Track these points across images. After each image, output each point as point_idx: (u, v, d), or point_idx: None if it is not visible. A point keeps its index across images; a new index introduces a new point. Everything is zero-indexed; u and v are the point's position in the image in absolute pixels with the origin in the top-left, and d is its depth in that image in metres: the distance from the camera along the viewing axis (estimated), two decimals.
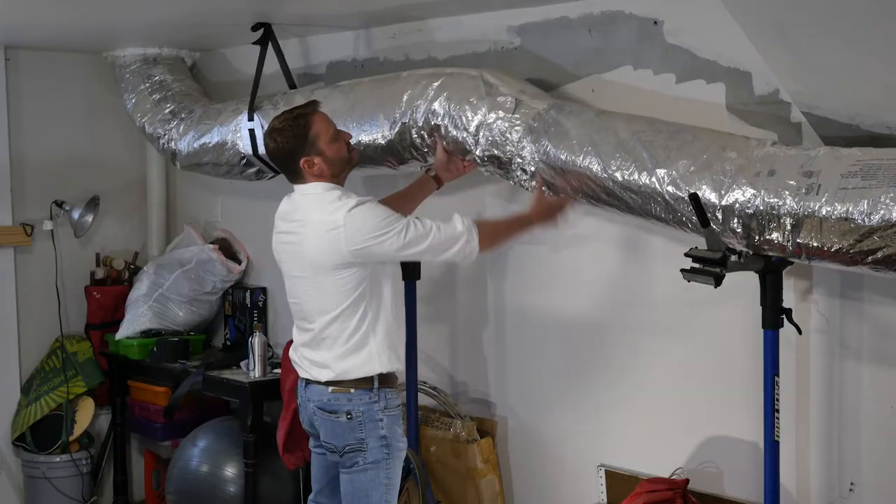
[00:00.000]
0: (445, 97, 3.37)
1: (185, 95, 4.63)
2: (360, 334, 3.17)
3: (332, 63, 4.35)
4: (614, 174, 2.97)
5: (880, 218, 2.45)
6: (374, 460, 3.19)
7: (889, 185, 2.45)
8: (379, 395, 3.19)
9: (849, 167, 2.55)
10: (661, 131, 2.96)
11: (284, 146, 3.20)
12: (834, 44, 2.52)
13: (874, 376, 2.91)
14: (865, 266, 2.54)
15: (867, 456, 2.94)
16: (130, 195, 5.24)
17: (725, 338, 3.21)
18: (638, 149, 2.93)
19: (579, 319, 3.61)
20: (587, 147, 3.04)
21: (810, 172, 2.60)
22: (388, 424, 3.21)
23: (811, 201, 2.57)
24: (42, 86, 4.94)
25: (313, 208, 3.17)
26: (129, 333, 4.84)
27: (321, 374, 3.23)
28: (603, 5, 3.38)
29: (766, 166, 2.69)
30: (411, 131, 3.47)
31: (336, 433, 3.21)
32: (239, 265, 4.91)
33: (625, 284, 3.48)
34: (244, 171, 4.32)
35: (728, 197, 2.73)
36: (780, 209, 2.63)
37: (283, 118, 3.24)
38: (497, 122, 3.24)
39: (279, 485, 4.45)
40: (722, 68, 3.09)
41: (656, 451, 3.40)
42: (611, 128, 3.04)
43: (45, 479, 4.80)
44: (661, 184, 2.86)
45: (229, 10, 3.89)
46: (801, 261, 2.68)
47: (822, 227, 2.55)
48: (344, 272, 3.12)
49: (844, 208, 2.51)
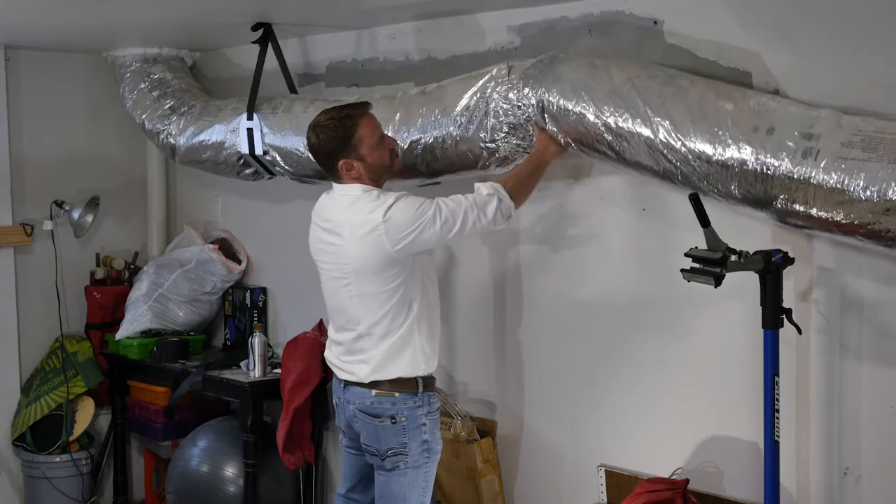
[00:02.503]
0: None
1: (185, 92, 4.64)
2: (403, 331, 3.15)
3: (331, 63, 4.35)
4: (608, 120, 2.99)
5: (876, 194, 2.47)
6: (415, 464, 3.19)
7: (889, 161, 2.46)
8: (423, 399, 3.19)
9: (850, 136, 2.55)
10: (655, 76, 2.98)
11: (326, 145, 3.16)
12: (834, 44, 2.52)
13: (874, 376, 2.91)
14: (853, 237, 2.57)
15: (867, 456, 2.94)
16: (130, 195, 5.24)
17: (725, 338, 3.20)
18: (632, 95, 2.94)
19: (580, 319, 3.61)
20: (581, 93, 3.05)
21: (810, 135, 2.60)
22: (431, 428, 3.21)
23: (807, 167, 2.58)
24: (42, 86, 4.94)
25: (352, 210, 3.13)
26: (129, 333, 4.84)
27: (361, 371, 3.19)
28: (603, 5, 3.38)
29: (766, 122, 2.70)
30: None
31: (379, 437, 3.19)
32: (239, 265, 4.91)
33: (625, 284, 3.47)
34: (241, 170, 4.32)
35: (724, 153, 2.74)
36: (775, 170, 2.64)
37: (331, 115, 3.18)
38: (497, 91, 3.27)
39: (279, 485, 4.46)
40: (722, 68, 3.09)
41: (656, 451, 3.40)
42: (605, 73, 3.04)
43: (45, 479, 4.80)
44: (654, 134, 2.88)
45: (229, 10, 3.89)
46: (789, 224, 2.69)
47: (816, 194, 2.57)
48: (388, 272, 3.10)
49: (840, 179, 2.52)
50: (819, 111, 2.67)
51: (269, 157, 4.11)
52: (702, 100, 2.85)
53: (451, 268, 3.98)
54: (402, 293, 3.13)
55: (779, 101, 2.77)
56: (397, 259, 3.08)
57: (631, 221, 3.42)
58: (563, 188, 3.59)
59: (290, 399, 4.21)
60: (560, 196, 3.61)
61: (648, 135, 2.90)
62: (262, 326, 4.76)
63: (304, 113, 3.95)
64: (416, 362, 3.18)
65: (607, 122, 3.00)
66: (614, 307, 3.51)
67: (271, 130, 4.07)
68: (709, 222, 2.75)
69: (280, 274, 4.82)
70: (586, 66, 3.12)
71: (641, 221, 3.39)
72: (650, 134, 2.90)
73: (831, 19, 2.43)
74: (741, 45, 2.93)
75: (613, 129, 2.99)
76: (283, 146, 4.03)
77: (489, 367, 3.92)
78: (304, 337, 4.36)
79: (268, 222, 4.84)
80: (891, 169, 2.46)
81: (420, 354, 3.18)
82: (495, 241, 3.85)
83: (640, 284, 3.44)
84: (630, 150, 2.98)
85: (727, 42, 3.05)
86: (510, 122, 3.27)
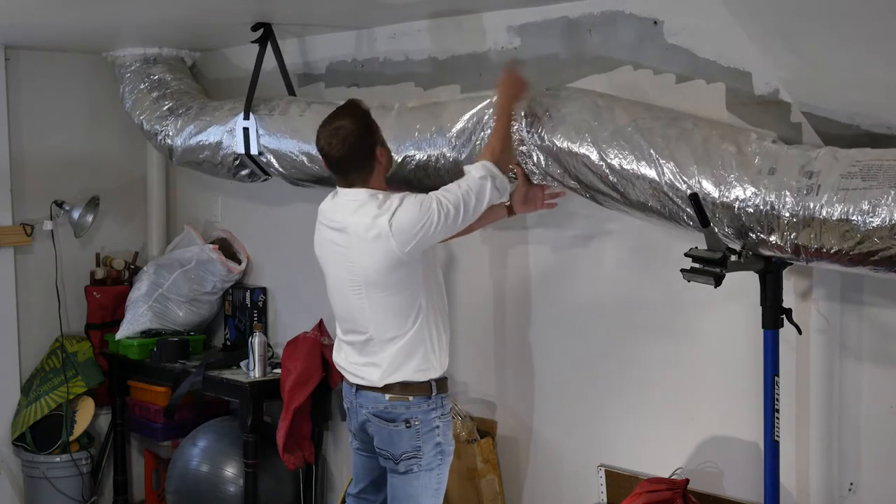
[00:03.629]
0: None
1: (184, 93, 4.64)
2: (413, 333, 3.13)
3: (331, 63, 4.35)
4: (612, 162, 2.97)
5: (881, 220, 2.45)
6: (428, 467, 3.18)
7: (889, 186, 2.45)
8: (436, 402, 3.18)
9: (848, 168, 2.55)
10: (658, 118, 2.96)
11: (357, 138, 3.11)
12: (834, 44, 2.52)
13: (874, 376, 2.91)
14: (865, 267, 2.54)
15: (867, 456, 2.94)
16: (130, 195, 5.24)
17: (725, 338, 3.20)
18: (636, 137, 2.93)
19: (580, 319, 3.61)
20: (584, 133, 3.04)
21: (811, 173, 2.60)
22: (444, 431, 3.20)
23: (811, 201, 2.57)
24: (42, 86, 4.95)
25: (358, 214, 3.11)
26: (129, 333, 4.84)
27: (373, 375, 3.17)
28: (603, 5, 3.38)
29: (767, 164, 2.69)
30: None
31: (393, 441, 3.18)
32: (239, 265, 4.91)
33: (625, 284, 3.47)
34: (238, 171, 4.32)
35: (729, 194, 2.73)
36: (780, 209, 2.62)
37: (336, 115, 3.16)
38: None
39: (279, 485, 4.46)
40: (722, 68, 3.09)
41: (656, 451, 3.40)
42: (608, 113, 3.03)
43: (45, 479, 4.80)
44: (659, 176, 2.87)
45: (229, 10, 3.89)
46: (800, 262, 2.68)
47: (822, 228, 2.55)
48: (395, 275, 3.08)
49: (845, 209, 2.51)
50: (817, 151, 2.66)
51: (264, 159, 4.11)
52: (706, 142, 2.84)
53: (452, 268, 3.98)
54: (410, 295, 3.12)
55: (779, 144, 2.77)
56: (406, 261, 3.07)
57: (631, 222, 3.41)
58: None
59: (290, 399, 4.21)
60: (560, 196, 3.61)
61: (654, 177, 2.89)
62: (262, 326, 4.75)
63: (301, 116, 3.95)
64: (428, 364, 3.17)
65: (612, 164, 2.98)
66: (614, 307, 3.51)
67: (267, 132, 4.07)
68: (709, 222, 2.75)
69: (280, 274, 4.82)
70: (590, 107, 3.10)
71: (641, 221, 3.39)
72: (655, 176, 2.89)
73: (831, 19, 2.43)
74: (741, 46, 2.93)
75: (618, 171, 2.97)
76: (279, 149, 4.03)
77: (489, 367, 3.92)
78: (304, 337, 4.36)
79: (268, 222, 4.84)
80: (894, 192, 2.45)
81: (431, 356, 3.17)
82: (495, 241, 3.85)
83: (639, 284, 3.44)
84: (635, 192, 2.96)
85: (727, 42, 3.05)
86: None
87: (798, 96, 2.85)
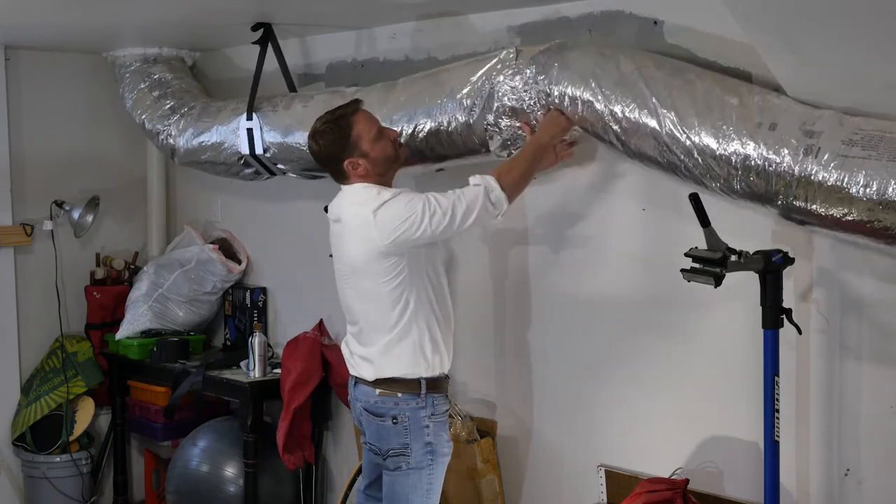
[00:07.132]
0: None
1: (185, 92, 4.64)
2: (402, 325, 3.13)
3: (331, 63, 4.36)
4: (615, 109, 2.99)
5: (875, 191, 2.47)
6: (418, 465, 3.17)
7: (888, 159, 2.47)
8: (426, 402, 3.17)
9: (851, 135, 2.56)
10: (663, 67, 2.99)
11: (327, 149, 3.19)
12: (834, 43, 2.52)
13: (874, 376, 2.91)
14: (856, 235, 2.57)
15: (867, 456, 2.94)
16: (130, 195, 5.24)
17: (725, 338, 3.20)
18: (640, 85, 2.95)
19: (580, 319, 3.61)
20: (589, 80, 3.06)
21: (811, 132, 2.61)
22: (434, 430, 3.19)
23: (808, 164, 2.59)
24: (42, 86, 4.95)
25: (351, 206, 3.17)
26: (129, 333, 4.84)
27: (366, 370, 3.21)
28: (603, 5, 3.38)
29: (769, 118, 2.70)
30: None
31: (381, 436, 3.19)
32: (239, 265, 4.91)
33: (624, 284, 3.47)
34: (241, 171, 4.32)
35: (728, 147, 2.75)
36: (777, 166, 2.65)
37: (325, 120, 3.22)
38: (504, 75, 3.26)
39: (279, 485, 4.46)
40: (722, 68, 3.09)
41: (656, 451, 3.40)
42: (614, 63, 3.05)
43: (45, 479, 4.80)
44: (660, 126, 2.89)
45: (229, 10, 3.89)
46: (791, 220, 2.70)
47: (817, 191, 2.58)
48: (380, 266, 3.10)
49: (840, 176, 2.53)
50: (822, 111, 2.68)
51: (269, 155, 4.12)
52: (708, 94, 2.86)
53: (452, 268, 3.97)
54: (394, 289, 3.12)
55: (783, 98, 2.78)
56: (389, 253, 3.08)
57: (630, 222, 3.42)
58: (563, 188, 3.59)
59: (290, 399, 4.21)
60: (560, 195, 3.61)
61: (655, 126, 2.91)
62: (262, 326, 4.75)
63: (305, 108, 3.96)
64: (416, 362, 3.16)
65: (614, 111, 3.00)
66: (614, 307, 3.51)
67: (271, 128, 4.07)
68: (709, 222, 2.75)
69: (280, 274, 4.82)
70: (595, 55, 3.12)
71: (641, 222, 3.39)
72: (656, 125, 2.91)
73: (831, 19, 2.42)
74: (741, 45, 2.93)
75: (620, 119, 2.99)
76: (285, 142, 4.03)
77: (489, 367, 3.92)
78: (304, 337, 4.36)
79: (268, 222, 4.84)
80: (890, 166, 2.46)
81: (419, 354, 3.16)
82: (496, 240, 3.85)
83: (639, 284, 3.43)
84: (636, 142, 2.98)
85: (727, 42, 3.05)
86: (515, 107, 3.26)
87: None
